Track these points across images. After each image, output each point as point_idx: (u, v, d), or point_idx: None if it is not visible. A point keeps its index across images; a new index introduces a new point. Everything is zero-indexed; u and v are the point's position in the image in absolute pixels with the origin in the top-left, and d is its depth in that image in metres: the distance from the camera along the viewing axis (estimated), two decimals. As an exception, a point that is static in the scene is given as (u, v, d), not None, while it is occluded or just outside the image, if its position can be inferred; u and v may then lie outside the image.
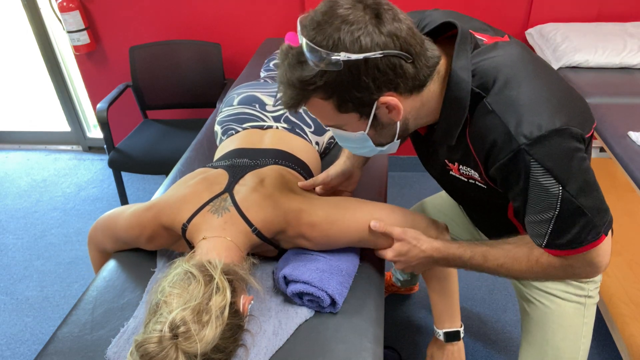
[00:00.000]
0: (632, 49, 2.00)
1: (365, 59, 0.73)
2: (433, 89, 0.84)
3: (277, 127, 1.38)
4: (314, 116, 0.88)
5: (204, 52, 2.54)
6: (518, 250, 0.91)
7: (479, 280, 2.14)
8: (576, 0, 2.28)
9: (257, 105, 1.44)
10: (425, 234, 1.03)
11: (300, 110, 1.45)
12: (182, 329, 0.77)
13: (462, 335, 1.19)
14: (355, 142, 0.90)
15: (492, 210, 1.03)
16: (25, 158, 3.24)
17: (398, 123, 0.85)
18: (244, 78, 2.04)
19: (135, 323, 1.02)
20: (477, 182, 0.92)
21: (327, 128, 0.90)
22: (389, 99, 0.79)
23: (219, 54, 2.51)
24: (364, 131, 0.86)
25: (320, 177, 1.19)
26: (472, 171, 0.90)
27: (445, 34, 0.89)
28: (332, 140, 1.49)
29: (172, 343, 0.76)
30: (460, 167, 0.92)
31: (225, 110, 1.48)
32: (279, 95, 0.83)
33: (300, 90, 0.79)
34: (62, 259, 2.38)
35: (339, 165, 1.21)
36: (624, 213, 2.10)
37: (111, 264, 1.19)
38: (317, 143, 1.41)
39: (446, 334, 1.18)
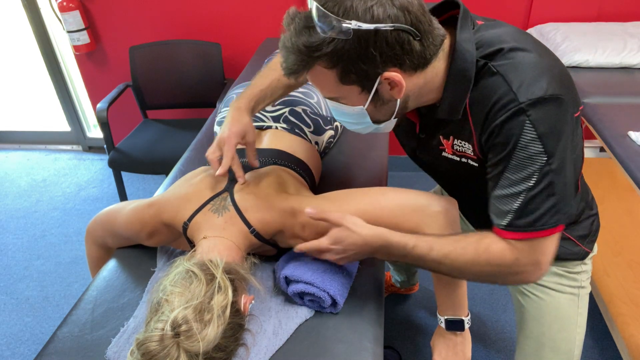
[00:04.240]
0: (632, 49, 2.00)
1: (376, 30, 0.73)
2: (437, 66, 0.83)
3: (276, 127, 1.38)
4: (313, 84, 0.86)
5: (204, 52, 2.54)
6: (468, 239, 0.88)
7: (479, 280, 2.14)
8: (576, 0, 2.28)
9: (257, 105, 1.43)
10: (426, 211, 0.98)
11: (300, 110, 1.46)
12: (183, 327, 0.77)
13: (467, 325, 1.09)
14: (353, 117, 0.89)
15: (482, 196, 1.00)
16: (25, 158, 3.24)
17: (398, 101, 0.84)
18: (244, 78, 2.03)
19: (135, 323, 1.02)
20: (469, 161, 0.90)
21: (326, 99, 0.89)
22: (393, 75, 0.78)
23: (219, 54, 2.51)
24: (363, 106, 0.85)
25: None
26: (466, 145, 0.88)
27: (443, 16, 0.89)
28: (332, 140, 1.49)
29: (174, 342, 0.76)
30: (455, 142, 0.90)
31: (225, 110, 1.48)
32: (280, 60, 0.81)
33: (305, 56, 0.77)
34: (62, 259, 2.38)
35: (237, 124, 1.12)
36: (624, 213, 2.10)
37: (111, 264, 1.19)
38: (316, 143, 1.41)
39: (448, 322, 1.10)
